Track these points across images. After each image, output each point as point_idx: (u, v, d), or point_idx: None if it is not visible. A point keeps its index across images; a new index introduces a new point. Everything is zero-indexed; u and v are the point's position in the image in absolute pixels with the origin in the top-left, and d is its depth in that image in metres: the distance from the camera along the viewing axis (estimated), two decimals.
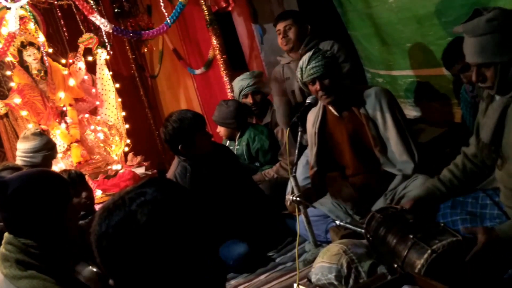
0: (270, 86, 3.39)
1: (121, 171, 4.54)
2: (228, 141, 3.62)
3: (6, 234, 1.47)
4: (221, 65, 4.13)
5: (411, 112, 3.15)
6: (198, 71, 4.97)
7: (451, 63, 2.42)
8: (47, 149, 3.16)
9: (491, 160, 1.74)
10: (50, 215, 1.43)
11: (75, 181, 2.48)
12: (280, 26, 3.03)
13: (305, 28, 3.04)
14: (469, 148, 1.87)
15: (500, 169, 1.69)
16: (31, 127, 4.34)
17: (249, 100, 3.56)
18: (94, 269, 1.91)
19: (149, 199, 0.88)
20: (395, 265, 1.63)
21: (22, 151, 3.15)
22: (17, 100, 4.37)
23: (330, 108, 2.49)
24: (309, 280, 2.02)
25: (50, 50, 4.68)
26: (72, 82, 4.64)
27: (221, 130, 3.56)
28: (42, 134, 3.29)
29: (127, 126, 5.01)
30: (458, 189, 1.89)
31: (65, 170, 2.63)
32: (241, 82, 3.58)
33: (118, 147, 4.81)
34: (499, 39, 1.53)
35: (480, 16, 1.56)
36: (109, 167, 4.62)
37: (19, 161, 3.08)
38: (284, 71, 3.15)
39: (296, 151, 2.31)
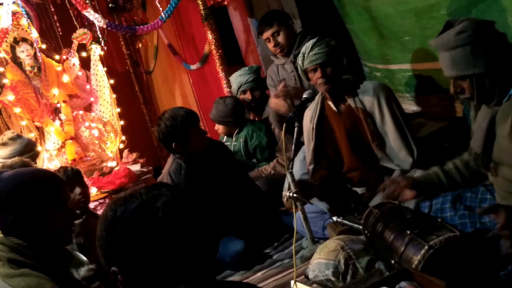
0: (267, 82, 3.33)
1: (116, 168, 4.49)
2: (225, 137, 3.59)
3: None
4: (217, 60, 4.09)
5: (409, 106, 3.13)
6: (193, 67, 4.93)
7: None
8: (27, 151, 3.11)
9: (484, 169, 1.75)
10: (32, 217, 1.43)
11: (69, 178, 2.47)
12: (267, 34, 2.96)
13: (292, 26, 2.97)
14: None
15: (495, 175, 1.69)
16: (24, 124, 4.31)
17: (247, 96, 3.53)
18: (91, 266, 1.90)
19: (165, 194, 0.94)
20: (393, 261, 1.64)
21: (2, 157, 3.08)
22: (10, 97, 4.32)
23: (329, 102, 2.47)
24: (306, 277, 2.02)
25: (44, 46, 4.62)
26: (66, 78, 4.59)
27: (219, 128, 3.53)
28: (20, 136, 3.24)
29: (122, 122, 4.95)
30: (458, 182, 1.89)
31: (62, 167, 2.61)
32: (240, 78, 3.52)
33: (113, 144, 4.77)
34: (470, 51, 1.54)
35: (451, 28, 1.58)
36: (104, 164, 4.57)
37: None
38: (280, 72, 3.11)
39: (293, 147, 2.29)
